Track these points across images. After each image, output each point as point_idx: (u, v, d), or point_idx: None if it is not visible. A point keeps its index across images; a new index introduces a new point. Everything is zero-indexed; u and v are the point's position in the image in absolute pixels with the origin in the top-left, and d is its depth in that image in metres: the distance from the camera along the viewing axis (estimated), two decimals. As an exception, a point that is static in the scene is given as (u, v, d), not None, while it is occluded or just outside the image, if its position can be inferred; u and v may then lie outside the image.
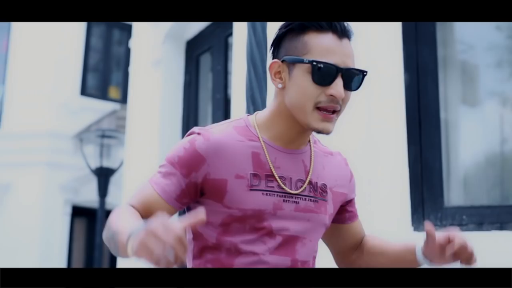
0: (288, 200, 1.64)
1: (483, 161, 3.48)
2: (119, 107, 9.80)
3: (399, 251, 1.78)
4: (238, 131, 1.66)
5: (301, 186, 1.66)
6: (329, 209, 1.72)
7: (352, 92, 1.64)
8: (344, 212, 1.82)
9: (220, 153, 1.60)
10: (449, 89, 3.46)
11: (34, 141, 10.39)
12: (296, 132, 1.66)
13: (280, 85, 1.64)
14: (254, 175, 1.62)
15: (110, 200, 9.03)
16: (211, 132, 1.64)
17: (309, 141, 1.73)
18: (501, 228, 3.03)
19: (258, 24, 2.59)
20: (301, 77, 1.60)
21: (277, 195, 1.63)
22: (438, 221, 3.11)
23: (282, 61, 1.64)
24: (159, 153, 5.21)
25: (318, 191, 1.69)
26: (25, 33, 10.76)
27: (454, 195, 3.30)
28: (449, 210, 3.13)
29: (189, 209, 1.70)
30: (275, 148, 1.66)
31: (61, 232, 10.47)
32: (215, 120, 4.61)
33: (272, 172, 1.63)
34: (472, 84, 3.63)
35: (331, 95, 1.58)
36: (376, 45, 3.39)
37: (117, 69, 11.61)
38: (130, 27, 7.92)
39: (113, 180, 8.36)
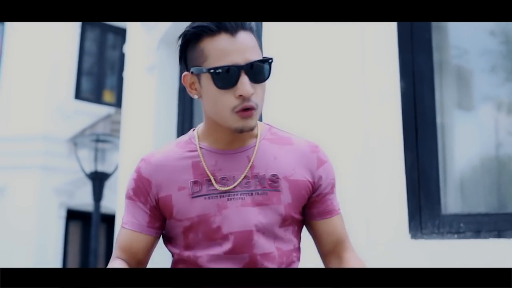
0: (233, 198, 1.65)
1: (479, 166, 3.47)
2: (113, 111, 9.78)
3: None
4: (179, 146, 1.72)
5: (246, 182, 1.66)
6: (285, 198, 1.69)
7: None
8: (313, 207, 1.76)
9: (162, 172, 1.68)
10: (444, 94, 3.45)
11: (28, 144, 10.36)
12: (229, 134, 1.67)
13: (196, 96, 1.67)
14: (195, 183, 1.66)
15: (105, 203, 9.00)
16: (152, 155, 1.72)
17: (257, 136, 1.72)
18: (499, 236, 3.02)
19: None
20: (207, 86, 1.61)
21: (220, 196, 1.65)
22: (435, 229, 3.10)
23: (191, 73, 1.64)
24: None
25: (266, 183, 1.67)
26: (19, 36, 10.72)
27: (452, 202, 3.29)
28: (446, 218, 3.12)
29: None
30: (214, 152, 1.69)
31: (56, 235, 10.44)
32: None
33: (209, 177, 1.66)
34: (466, 88, 3.63)
35: (240, 96, 1.57)
36: (372, 52, 3.38)
37: (111, 73, 11.59)
38: (124, 31, 7.89)
39: (108, 184, 8.33)
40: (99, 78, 11.42)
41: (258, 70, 1.59)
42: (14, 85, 10.67)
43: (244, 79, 1.57)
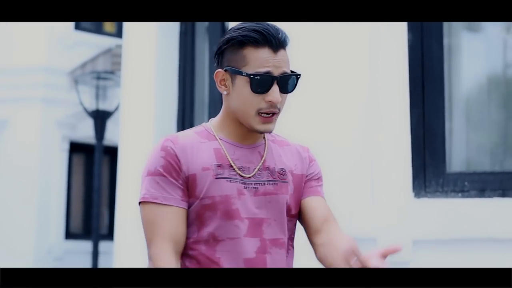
0: (248, 187, 1.84)
1: (486, 86, 3.39)
2: (114, 42, 9.63)
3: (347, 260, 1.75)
4: (199, 134, 1.89)
5: (259, 174, 1.87)
6: (290, 189, 1.91)
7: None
8: (303, 188, 1.96)
9: (188, 152, 1.83)
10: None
11: (28, 76, 10.27)
12: (245, 131, 1.87)
13: (225, 92, 1.87)
14: (218, 166, 1.83)
15: (108, 136, 8.97)
16: (176, 137, 1.88)
17: (264, 137, 1.94)
18: (503, 195, 3.00)
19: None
20: (242, 87, 1.82)
21: (239, 182, 1.83)
22: (439, 187, 3.08)
23: (225, 71, 1.85)
24: (156, 99, 5.14)
25: (276, 175, 1.89)
26: (16, -35, 10.45)
27: (456, 160, 3.25)
28: (451, 176, 3.09)
29: None
30: (232, 144, 1.88)
31: (59, 168, 10.49)
32: (211, 69, 4.50)
33: (231, 163, 1.84)
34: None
35: (269, 101, 1.80)
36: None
37: (111, 3, 11.36)
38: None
39: (111, 118, 8.29)
40: (99, 8, 11.19)
41: (288, 82, 1.84)
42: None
43: (275, 88, 1.81)
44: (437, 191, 3.07)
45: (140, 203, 1.84)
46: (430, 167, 3.11)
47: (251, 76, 1.80)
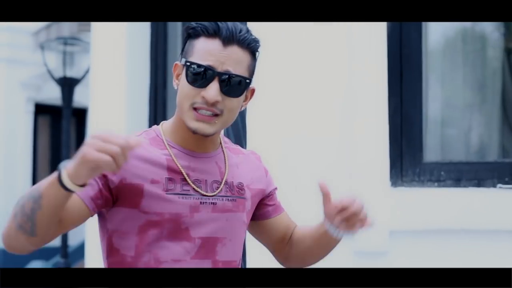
0: (205, 202, 1.66)
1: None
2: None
3: (315, 229, 1.76)
4: (150, 141, 1.69)
5: (217, 187, 1.69)
6: (247, 206, 1.76)
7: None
8: (266, 206, 1.85)
9: (136, 159, 1.61)
10: None
11: (-9, 35, 9.99)
12: (193, 134, 1.67)
13: (175, 86, 1.71)
14: (169, 179, 1.64)
15: (75, 98, 8.77)
16: None
17: (220, 143, 1.78)
18: (479, 185, 3.03)
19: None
20: (183, 78, 1.65)
21: (194, 197, 1.65)
22: (416, 177, 3.09)
23: (181, 64, 1.69)
24: (127, 63, 5.01)
25: (235, 190, 1.73)
26: None
27: (433, 150, 3.27)
28: (427, 166, 3.10)
29: (101, 216, 1.68)
30: (186, 154, 1.69)
31: (24, 130, 10.32)
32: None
33: (185, 176, 1.66)
34: None
35: (203, 97, 1.61)
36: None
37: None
38: None
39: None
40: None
41: (232, 84, 1.63)
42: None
43: (214, 85, 1.62)
44: (413, 180, 3.09)
45: None
46: (407, 156, 3.12)
47: (187, 64, 1.63)
